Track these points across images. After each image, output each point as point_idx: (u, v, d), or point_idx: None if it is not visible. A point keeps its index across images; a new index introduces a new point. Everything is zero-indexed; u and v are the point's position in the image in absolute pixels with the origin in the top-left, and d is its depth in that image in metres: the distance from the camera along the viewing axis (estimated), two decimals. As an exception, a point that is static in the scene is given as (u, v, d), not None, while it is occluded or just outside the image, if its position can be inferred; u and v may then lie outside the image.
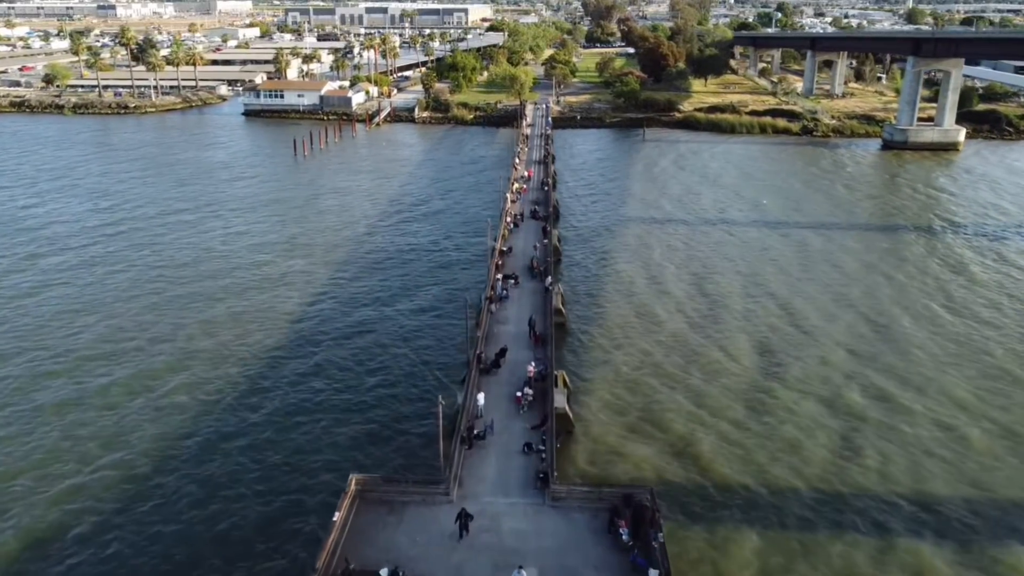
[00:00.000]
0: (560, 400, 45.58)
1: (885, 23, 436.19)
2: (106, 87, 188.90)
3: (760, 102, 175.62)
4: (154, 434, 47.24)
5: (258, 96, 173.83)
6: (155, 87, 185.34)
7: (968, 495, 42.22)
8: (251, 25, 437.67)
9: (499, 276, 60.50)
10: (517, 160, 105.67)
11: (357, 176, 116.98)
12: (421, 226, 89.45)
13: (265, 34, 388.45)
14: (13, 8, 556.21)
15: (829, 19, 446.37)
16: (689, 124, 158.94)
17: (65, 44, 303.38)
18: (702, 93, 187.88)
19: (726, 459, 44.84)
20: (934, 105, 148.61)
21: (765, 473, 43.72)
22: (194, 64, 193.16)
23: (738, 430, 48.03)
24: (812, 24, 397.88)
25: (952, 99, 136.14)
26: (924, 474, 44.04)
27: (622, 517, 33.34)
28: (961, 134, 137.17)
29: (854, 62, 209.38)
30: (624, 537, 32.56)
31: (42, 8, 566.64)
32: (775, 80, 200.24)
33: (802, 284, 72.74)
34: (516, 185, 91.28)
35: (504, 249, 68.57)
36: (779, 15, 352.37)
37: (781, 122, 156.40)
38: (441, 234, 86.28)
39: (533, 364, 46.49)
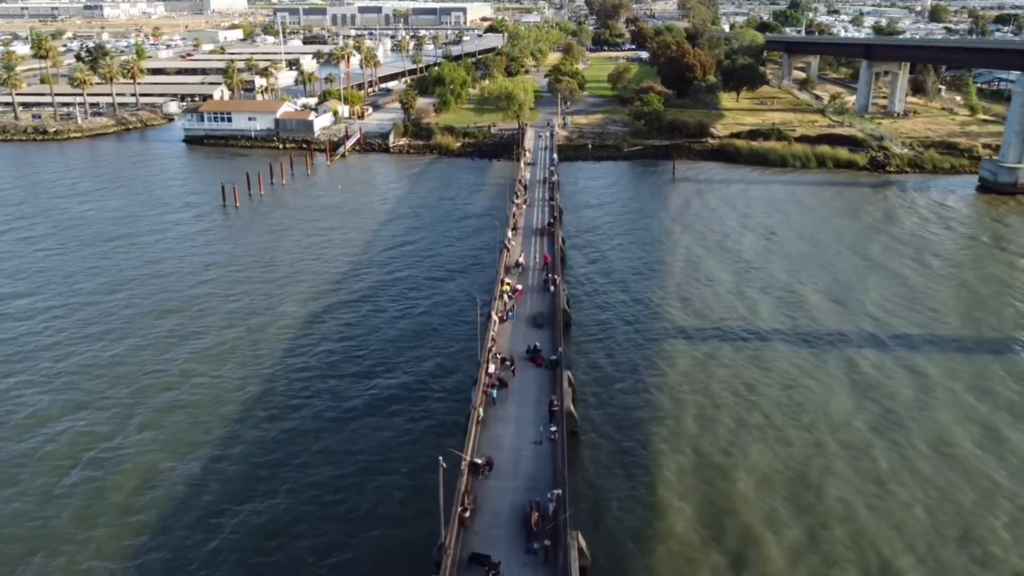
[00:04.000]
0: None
1: (905, 21, 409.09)
2: (28, 105, 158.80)
3: (808, 123, 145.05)
4: None
5: (201, 119, 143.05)
6: (82, 105, 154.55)
7: None
8: (234, 27, 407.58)
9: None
10: (510, 232, 74.81)
11: (292, 238, 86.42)
12: (356, 360, 57.63)
13: (248, 36, 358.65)
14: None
15: (846, 17, 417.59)
16: (726, 154, 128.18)
17: (27, 50, 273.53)
18: (735, 111, 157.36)
19: None
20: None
21: None
22: (133, 77, 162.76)
23: None
24: (831, 22, 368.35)
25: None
26: None
27: None
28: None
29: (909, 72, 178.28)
30: None
31: (26, 8, 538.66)
32: (822, 95, 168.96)
33: (942, 488, 42.29)
34: (507, 284, 60.65)
35: (479, 462, 37.85)
36: (808, 16, 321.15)
37: (842, 152, 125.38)
38: (386, 368, 55.57)
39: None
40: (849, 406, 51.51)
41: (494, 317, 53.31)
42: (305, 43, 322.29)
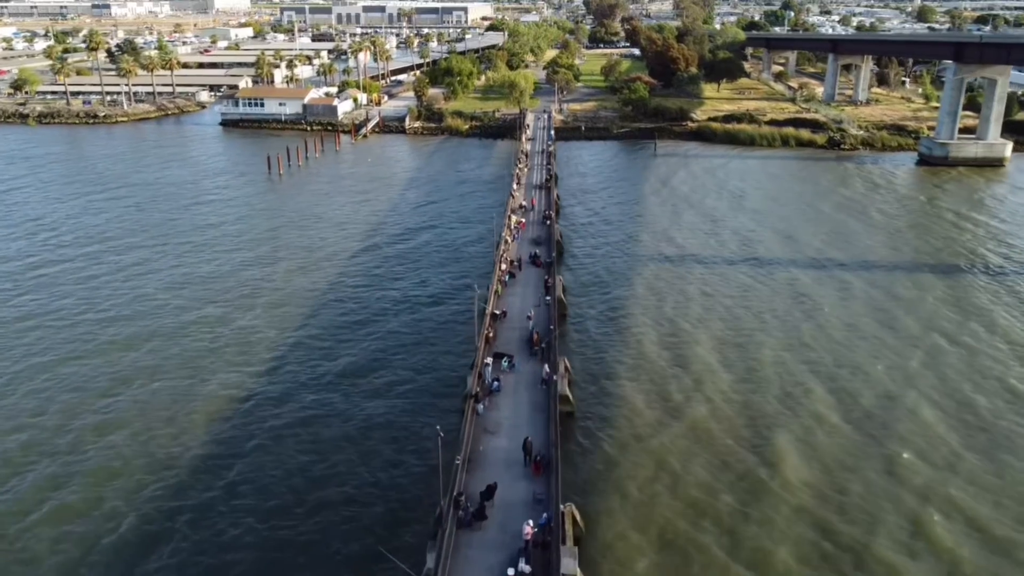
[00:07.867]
0: (570, 565, 32.57)
1: (894, 21, 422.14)
2: (76, 94, 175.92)
3: (779, 110, 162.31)
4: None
5: (236, 104, 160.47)
6: (128, 94, 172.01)
7: None
8: (244, 25, 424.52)
9: (488, 360, 47.04)
10: (515, 185, 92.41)
11: (335, 199, 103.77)
12: (399, 269, 75.66)
13: (258, 34, 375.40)
14: (6, 7, 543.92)
15: (837, 17, 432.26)
16: (703, 135, 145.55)
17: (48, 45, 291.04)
18: (715, 99, 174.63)
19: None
20: (969, 114, 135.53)
21: None
22: (171, 69, 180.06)
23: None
24: (821, 23, 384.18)
25: (998, 109, 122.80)
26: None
27: None
28: (1008, 148, 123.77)
29: (876, 66, 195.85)
30: None
31: (36, 7, 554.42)
32: (794, 86, 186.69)
33: (850, 351, 59.44)
34: (514, 219, 78.09)
35: (497, 313, 55.31)
36: (790, 14, 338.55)
37: (804, 133, 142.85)
38: (422, 281, 72.65)
39: (531, 523, 33.14)
40: (787, 305, 68.50)
41: (504, 235, 70.77)
42: (313, 40, 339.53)
